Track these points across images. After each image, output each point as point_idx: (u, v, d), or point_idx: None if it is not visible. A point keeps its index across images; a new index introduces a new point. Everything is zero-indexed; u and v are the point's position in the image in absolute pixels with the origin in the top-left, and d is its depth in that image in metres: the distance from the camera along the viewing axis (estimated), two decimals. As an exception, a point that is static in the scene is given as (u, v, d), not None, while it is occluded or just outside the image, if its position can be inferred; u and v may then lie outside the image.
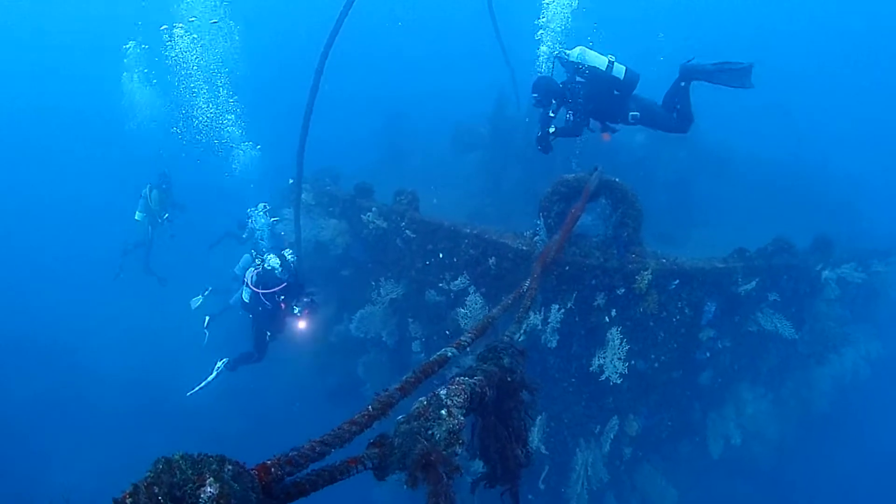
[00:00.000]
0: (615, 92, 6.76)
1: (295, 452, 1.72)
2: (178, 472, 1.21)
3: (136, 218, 11.92)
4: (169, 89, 11.24)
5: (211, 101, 10.55)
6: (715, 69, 6.66)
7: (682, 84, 6.79)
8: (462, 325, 7.13)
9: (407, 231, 8.10)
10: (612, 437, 6.92)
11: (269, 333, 8.76)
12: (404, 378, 2.49)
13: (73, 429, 10.75)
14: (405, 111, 15.22)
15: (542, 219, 6.42)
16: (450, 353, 2.85)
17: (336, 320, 9.79)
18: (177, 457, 1.26)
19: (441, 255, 7.75)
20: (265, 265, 8.41)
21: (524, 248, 6.55)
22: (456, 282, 7.37)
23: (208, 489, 1.19)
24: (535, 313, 6.49)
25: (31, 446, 10.53)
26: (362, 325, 8.72)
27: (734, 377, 7.54)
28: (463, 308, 7.13)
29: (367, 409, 2.17)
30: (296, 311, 8.42)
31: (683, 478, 8.07)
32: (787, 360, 7.63)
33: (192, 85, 10.53)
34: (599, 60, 6.67)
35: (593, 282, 6.25)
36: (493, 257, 6.90)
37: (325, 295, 9.80)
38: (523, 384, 3.06)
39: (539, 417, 7.06)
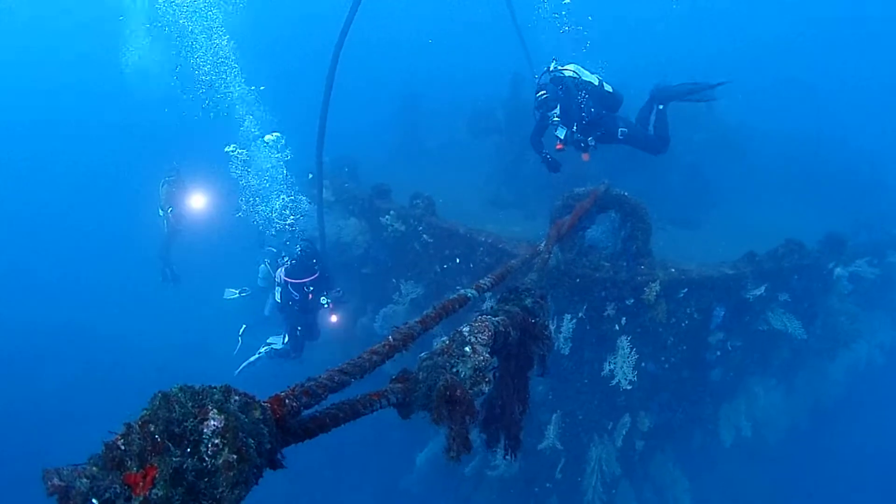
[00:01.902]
0: (604, 110, 6.86)
1: (312, 382, 1.56)
2: (176, 407, 1.06)
3: (159, 213, 12.23)
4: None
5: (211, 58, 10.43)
6: (684, 90, 7.05)
7: (661, 107, 6.95)
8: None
9: (424, 236, 8.35)
10: (623, 433, 7.26)
11: (299, 329, 9.12)
12: (424, 313, 2.35)
13: (106, 411, 11.45)
14: (421, 91, 15.19)
15: (553, 231, 6.60)
16: (469, 294, 2.74)
17: (360, 313, 10.21)
18: (175, 390, 1.11)
19: (458, 261, 8.02)
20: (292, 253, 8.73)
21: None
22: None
23: (212, 422, 1.04)
24: (548, 322, 6.76)
25: (65, 430, 11.23)
26: (386, 323, 9.11)
27: (745, 371, 7.76)
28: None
29: (388, 339, 2.02)
30: (324, 303, 8.72)
31: (696, 465, 8.44)
32: (800, 353, 7.79)
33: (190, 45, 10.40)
34: (592, 78, 6.75)
35: (603, 293, 6.46)
36: (507, 266, 7.14)
37: (350, 290, 10.21)
38: (546, 328, 2.91)
39: (555, 415, 7.44)
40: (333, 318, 8.93)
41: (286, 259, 8.75)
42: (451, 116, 14.62)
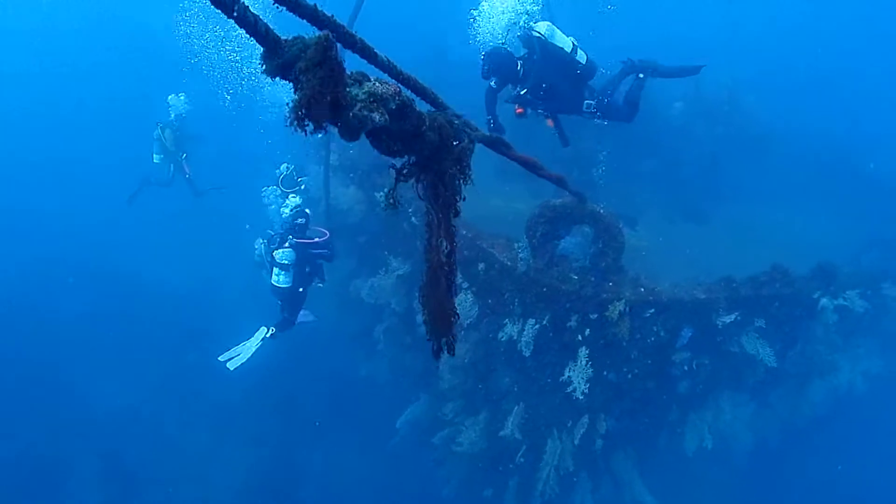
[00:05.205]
0: (574, 76, 6.51)
1: None
2: None
3: (154, 161, 11.96)
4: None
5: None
6: (668, 69, 6.99)
7: (640, 76, 6.72)
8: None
9: (413, 218, 8.39)
10: (581, 432, 7.43)
11: (321, 284, 9.53)
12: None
13: (117, 345, 12.22)
14: (448, 44, 14.65)
15: (526, 238, 6.57)
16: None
17: (354, 275, 10.45)
18: None
19: (441, 246, 8.06)
20: (294, 216, 8.96)
21: (508, 262, 6.78)
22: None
23: None
24: (512, 324, 6.86)
25: (78, 360, 12.07)
26: (372, 293, 9.35)
27: (716, 385, 7.74)
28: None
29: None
30: None
31: (660, 463, 8.60)
32: (775, 375, 7.69)
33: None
34: (565, 41, 6.39)
35: (567, 305, 6.48)
36: (482, 263, 7.17)
37: (345, 253, 10.41)
38: (466, 154, 2.33)
39: (517, 406, 7.65)
40: None
41: (283, 234, 8.90)
42: (476, 74, 14.17)
